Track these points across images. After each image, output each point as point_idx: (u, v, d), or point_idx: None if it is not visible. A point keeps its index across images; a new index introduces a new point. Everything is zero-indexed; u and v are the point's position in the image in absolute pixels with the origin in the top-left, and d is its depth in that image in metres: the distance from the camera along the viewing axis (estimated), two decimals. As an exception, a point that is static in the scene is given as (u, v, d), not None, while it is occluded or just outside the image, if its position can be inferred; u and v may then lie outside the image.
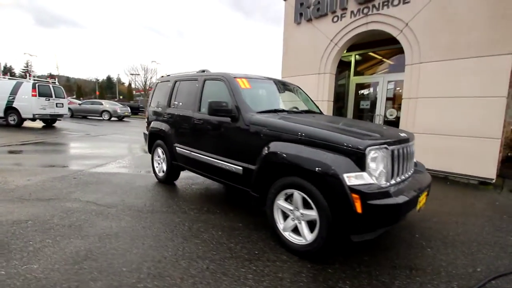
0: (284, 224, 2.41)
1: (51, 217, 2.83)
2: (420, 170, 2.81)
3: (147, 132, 4.71)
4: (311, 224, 2.26)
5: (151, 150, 4.50)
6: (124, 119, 19.41)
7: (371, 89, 7.70)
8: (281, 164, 2.35)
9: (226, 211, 3.21)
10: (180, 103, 3.86)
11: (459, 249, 2.53)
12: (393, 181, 2.20)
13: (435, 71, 5.13)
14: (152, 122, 4.41)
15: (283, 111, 3.13)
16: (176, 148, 3.80)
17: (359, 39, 6.60)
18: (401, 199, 2.00)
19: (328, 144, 2.13)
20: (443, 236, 2.77)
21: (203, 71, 3.71)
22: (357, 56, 7.97)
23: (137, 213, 3.03)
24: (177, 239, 2.48)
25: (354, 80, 7.96)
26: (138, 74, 26.26)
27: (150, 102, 4.65)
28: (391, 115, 7.12)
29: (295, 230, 2.36)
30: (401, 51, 6.03)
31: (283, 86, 3.81)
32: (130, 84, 41.37)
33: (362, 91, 7.93)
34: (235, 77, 3.13)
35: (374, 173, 2.05)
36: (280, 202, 2.42)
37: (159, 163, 4.36)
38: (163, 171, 4.27)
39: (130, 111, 20.04)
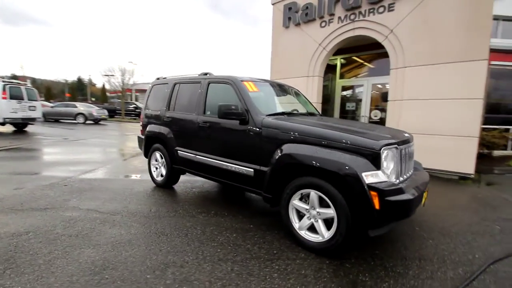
0: (300, 223, 2.48)
1: (53, 227, 2.69)
2: (418, 169, 3.02)
3: (142, 136, 4.59)
4: (326, 222, 2.35)
5: (148, 154, 4.39)
6: (100, 123, 18.55)
7: (356, 91, 8.04)
8: (297, 165, 2.43)
9: (234, 213, 3.22)
10: (182, 106, 3.82)
11: (456, 239, 2.76)
12: (401, 179, 2.36)
13: (418, 75, 5.49)
14: (149, 126, 4.31)
15: (290, 113, 3.22)
16: (178, 151, 3.75)
17: (345, 43, 6.88)
18: (412, 195, 2.16)
19: (345, 145, 2.24)
20: (439, 228, 3.00)
21: (206, 73, 3.70)
22: (342, 60, 8.30)
23: (145, 219, 2.96)
24: (194, 243, 2.47)
25: (339, 82, 8.27)
26: (113, 75, 25.13)
27: (146, 105, 4.54)
28: (375, 116, 7.49)
29: (311, 229, 2.44)
30: (383, 55, 6.40)
31: (282, 89, 3.90)
32: (104, 86, 39.53)
33: (347, 93, 8.27)
34: (242, 80, 3.17)
35: (387, 171, 2.18)
36: (296, 202, 2.49)
37: (157, 168, 4.27)
38: (161, 176, 4.18)
39: (107, 114, 19.19)
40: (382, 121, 6.96)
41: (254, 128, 2.81)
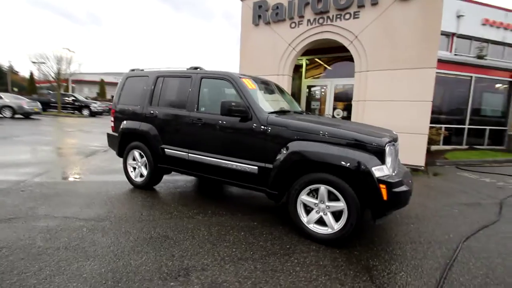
0: (309, 217, 2.59)
1: (31, 240, 2.29)
2: (399, 163, 3.40)
3: (114, 133, 4.16)
4: (334, 215, 2.50)
5: (123, 153, 4.00)
6: (32, 117, 16.00)
7: (321, 91, 8.55)
8: (307, 162, 2.52)
9: (231, 212, 3.18)
10: (168, 102, 3.58)
11: (430, 222, 3.20)
12: (395, 172, 2.64)
13: (379, 78, 6.11)
14: (125, 122, 3.93)
15: (285, 111, 3.29)
16: (165, 149, 3.51)
17: (314, 45, 7.25)
18: (409, 186, 2.45)
19: (354, 142, 2.41)
20: (415, 214, 3.44)
21: (196, 68, 3.53)
22: (306, 61, 8.72)
23: (140, 224, 2.72)
24: (205, 245, 2.37)
25: (305, 82, 8.69)
26: (44, 63, 21.74)
27: (118, 99, 4.12)
28: (338, 114, 8.09)
29: (318, 222, 2.57)
30: (346, 58, 6.94)
31: (269, 86, 3.94)
32: (32, 74, 33.92)
33: (312, 92, 8.73)
34: (240, 77, 3.12)
35: (388, 165, 2.43)
36: (304, 197, 2.58)
37: (135, 168, 3.93)
38: (141, 176, 3.87)
39: (41, 107, 16.62)
40: (345, 120, 7.55)
41: (259, 126, 2.80)
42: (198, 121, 3.21)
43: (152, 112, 3.64)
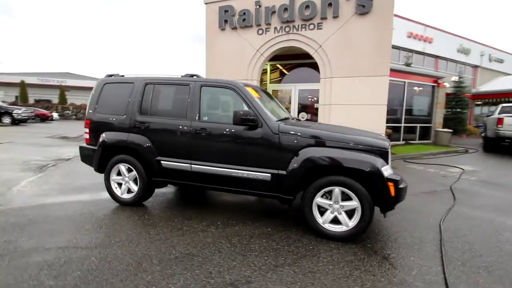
0: (324, 218, 2.78)
1: (36, 280, 1.94)
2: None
3: (90, 146, 3.72)
4: (347, 213, 2.74)
5: (105, 168, 3.61)
6: None
7: (286, 95, 8.97)
8: (322, 166, 2.71)
9: (241, 220, 3.18)
10: (162, 111, 3.38)
11: (411, 211, 3.71)
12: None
13: (342, 84, 6.75)
14: (105, 133, 3.55)
15: (288, 118, 3.43)
16: (161, 162, 3.30)
17: (281, 51, 7.59)
18: (405, 182, 2.84)
19: (363, 146, 2.69)
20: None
21: (192, 75, 3.40)
22: (270, 66, 9.05)
23: (154, 245, 2.53)
24: (236, 257, 2.35)
25: (270, 86, 9.00)
26: None
27: (95, 108, 3.69)
28: (302, 117, 8.60)
29: (332, 221, 2.78)
30: (308, 65, 7.47)
31: (263, 92, 4.02)
32: None
33: (278, 97, 9.09)
34: (244, 86, 3.15)
35: (389, 165, 2.78)
36: (319, 199, 2.77)
37: (121, 183, 3.58)
38: (129, 192, 3.55)
39: None
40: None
41: (271, 134, 2.89)
42: (202, 130, 3.12)
43: (142, 122, 3.38)
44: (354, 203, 2.66)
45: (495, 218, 3.48)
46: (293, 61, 8.56)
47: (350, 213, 2.73)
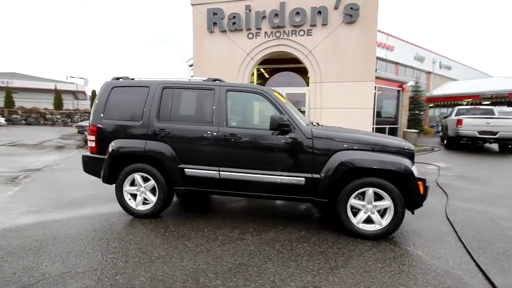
0: (358, 218, 2.89)
1: (88, 309, 1.73)
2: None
3: (96, 155, 3.41)
4: (379, 213, 2.90)
5: (114, 178, 3.33)
6: None
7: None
8: (357, 169, 2.82)
9: (272, 226, 3.16)
10: (185, 116, 3.24)
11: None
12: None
13: (331, 89, 7.07)
14: (117, 141, 3.29)
15: (311, 123, 3.51)
16: (185, 170, 3.15)
17: (271, 56, 7.69)
18: (425, 180, 3.09)
19: (391, 148, 2.87)
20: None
21: (215, 80, 3.31)
22: (256, 70, 9.11)
23: (199, 258, 2.40)
24: (289, 263, 2.34)
25: (257, 90, 9.04)
26: None
27: (103, 113, 3.39)
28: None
29: (365, 221, 2.91)
30: (296, 70, 7.70)
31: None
32: None
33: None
34: (272, 91, 3.15)
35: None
36: (353, 200, 2.88)
37: (135, 194, 3.33)
38: (145, 203, 3.33)
39: None
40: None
41: (304, 138, 2.93)
42: (231, 136, 3.05)
43: (163, 128, 3.19)
44: (387, 202, 2.82)
45: (486, 209, 3.94)
46: (281, 65, 8.73)
47: (381, 213, 2.88)
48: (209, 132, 3.10)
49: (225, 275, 2.15)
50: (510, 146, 9.77)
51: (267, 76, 9.23)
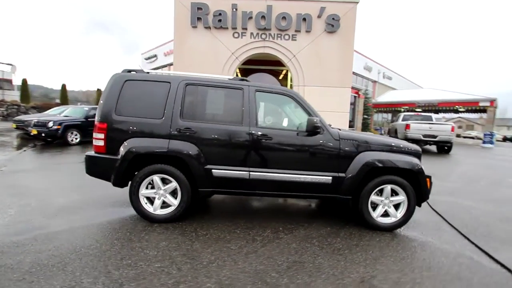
0: (377, 212, 3.20)
1: None
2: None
3: (106, 155, 3.07)
4: (394, 207, 3.25)
5: (127, 181, 3.06)
6: None
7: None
8: (378, 168, 3.12)
9: (298, 224, 3.26)
10: (211, 115, 3.13)
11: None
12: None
13: (314, 92, 7.49)
14: (133, 140, 3.02)
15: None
16: (212, 170, 3.05)
17: (255, 57, 7.76)
18: (425, 177, 3.57)
19: (404, 149, 3.25)
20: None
21: (242, 79, 3.26)
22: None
23: (252, 259, 2.39)
24: (337, 257, 2.49)
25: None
26: None
27: (115, 109, 3.06)
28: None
29: (382, 215, 3.23)
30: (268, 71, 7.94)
31: None
32: None
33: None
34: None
35: (418, 164, 3.44)
36: (374, 196, 3.18)
37: (152, 198, 3.10)
38: (164, 207, 3.12)
39: None
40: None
41: (332, 140, 3.12)
42: (263, 136, 3.06)
43: (188, 127, 3.03)
44: (402, 197, 3.18)
45: (456, 200, 4.69)
46: (258, 66, 8.86)
47: (395, 207, 3.24)
48: (240, 132, 3.06)
49: (288, 273, 2.19)
50: (445, 148, 11.63)
51: (239, 76, 9.27)
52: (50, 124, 8.61)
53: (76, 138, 9.02)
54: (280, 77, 9.97)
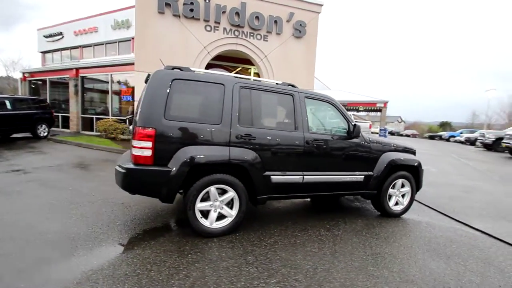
0: (392, 203, 3.86)
1: None
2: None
3: (151, 167, 2.62)
4: (402, 197, 3.99)
5: (186, 194, 2.72)
6: None
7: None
8: (398, 166, 3.76)
9: (333, 220, 3.58)
10: (267, 121, 3.06)
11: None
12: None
13: (282, 93, 7.87)
14: (191, 148, 2.69)
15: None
16: (271, 177, 3.02)
17: (226, 53, 7.52)
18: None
19: (410, 150, 4.01)
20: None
21: (289, 85, 3.28)
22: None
23: (337, 259, 2.57)
24: (392, 245, 2.95)
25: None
26: None
27: (164, 111, 2.62)
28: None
29: (394, 204, 3.93)
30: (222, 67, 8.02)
31: None
32: None
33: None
34: (335, 100, 3.56)
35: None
36: (391, 189, 3.82)
37: (209, 210, 2.84)
38: (219, 218, 2.91)
39: None
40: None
41: (365, 143, 3.56)
42: (315, 142, 3.22)
43: (248, 134, 2.90)
44: (407, 188, 3.94)
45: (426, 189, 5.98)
46: (231, 64, 8.63)
47: (402, 196, 3.99)
48: (296, 138, 3.12)
49: (377, 265, 2.49)
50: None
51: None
52: None
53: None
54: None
